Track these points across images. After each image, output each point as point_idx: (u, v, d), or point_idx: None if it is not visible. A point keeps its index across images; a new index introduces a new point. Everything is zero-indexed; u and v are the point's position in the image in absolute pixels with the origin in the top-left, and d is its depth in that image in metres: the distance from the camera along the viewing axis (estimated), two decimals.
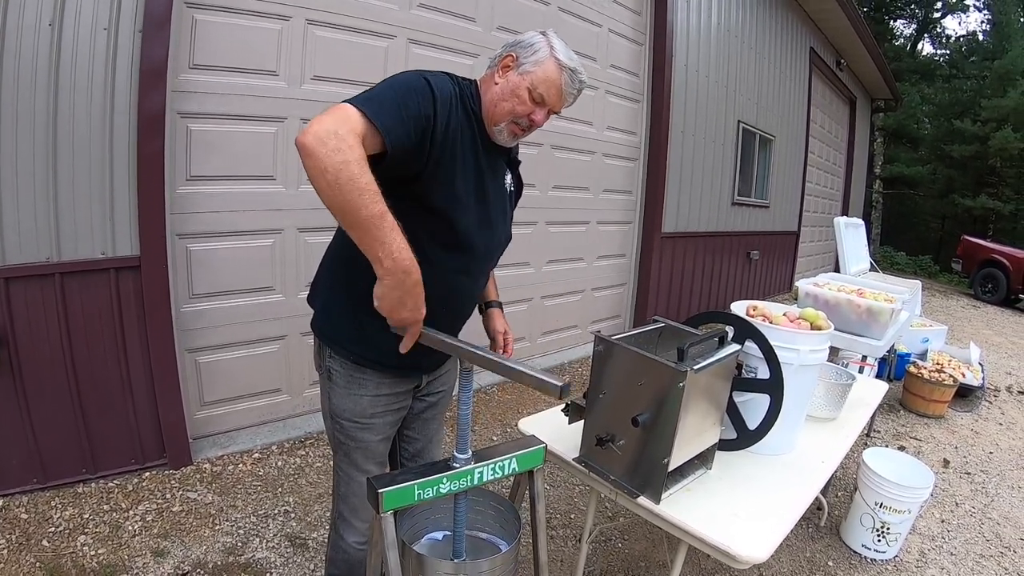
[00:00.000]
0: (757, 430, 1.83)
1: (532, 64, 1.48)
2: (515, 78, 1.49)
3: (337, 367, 1.62)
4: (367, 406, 1.62)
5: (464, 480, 1.26)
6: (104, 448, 2.85)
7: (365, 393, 1.61)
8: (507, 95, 1.49)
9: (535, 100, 1.49)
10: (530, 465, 1.37)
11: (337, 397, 1.63)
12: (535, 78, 1.47)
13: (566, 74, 1.48)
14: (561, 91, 1.49)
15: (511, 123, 1.51)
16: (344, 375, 1.61)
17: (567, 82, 1.49)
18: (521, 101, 1.48)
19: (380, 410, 1.64)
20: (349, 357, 1.59)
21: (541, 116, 1.52)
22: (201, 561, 2.43)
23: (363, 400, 1.61)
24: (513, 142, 1.59)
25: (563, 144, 4.89)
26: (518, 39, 1.54)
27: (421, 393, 1.77)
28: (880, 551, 2.87)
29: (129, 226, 2.74)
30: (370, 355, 1.58)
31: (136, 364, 2.86)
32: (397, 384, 1.64)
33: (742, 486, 1.76)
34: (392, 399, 1.65)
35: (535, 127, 1.55)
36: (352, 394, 1.61)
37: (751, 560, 1.43)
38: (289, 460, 3.20)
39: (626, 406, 1.58)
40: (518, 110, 1.49)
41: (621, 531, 2.91)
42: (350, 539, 1.74)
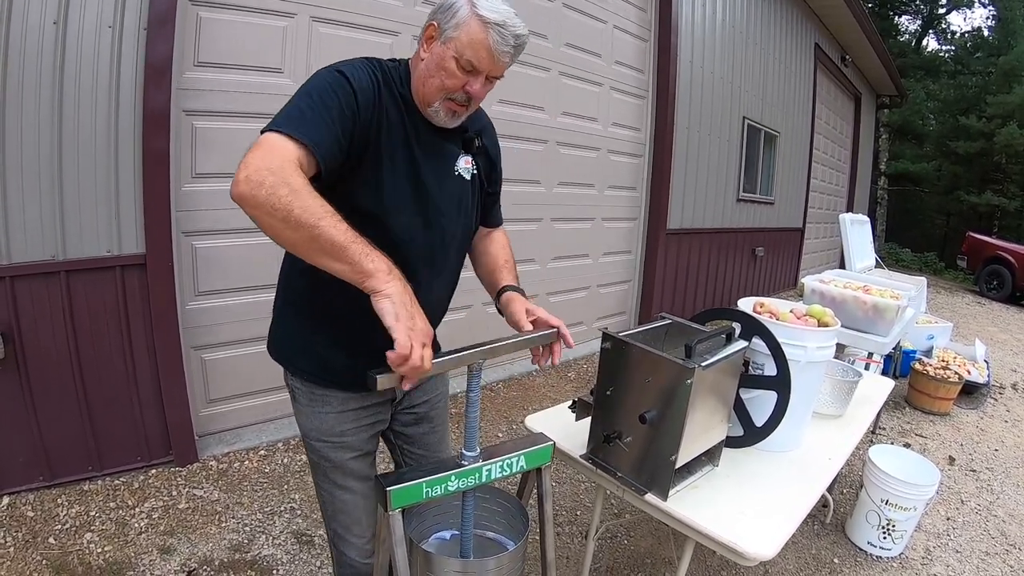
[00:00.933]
0: (764, 427, 1.83)
1: (453, 29, 1.30)
2: (439, 49, 1.33)
3: (298, 385, 1.53)
4: (333, 423, 1.51)
5: (472, 478, 1.26)
6: (110, 446, 2.86)
7: (330, 410, 1.51)
8: (434, 70, 1.33)
9: (465, 69, 1.32)
10: (538, 463, 1.37)
11: (302, 416, 1.55)
12: (459, 44, 1.29)
13: (493, 31, 1.28)
14: (492, 52, 1.30)
15: (445, 100, 1.35)
16: (306, 393, 1.52)
17: (496, 40, 1.29)
18: (450, 74, 1.32)
19: (349, 426, 1.53)
20: (305, 377, 1.51)
21: (478, 86, 1.34)
22: (207, 558, 2.43)
23: (328, 418, 1.51)
24: (455, 121, 1.42)
25: (568, 140, 4.89)
26: (439, 3, 1.35)
27: (402, 407, 1.65)
28: (886, 548, 2.87)
29: (135, 224, 2.74)
30: (326, 374, 1.49)
31: (142, 362, 2.87)
32: (366, 398, 1.52)
33: (749, 483, 1.76)
34: (362, 413, 1.54)
35: (476, 100, 1.39)
36: (316, 412, 1.52)
37: (758, 558, 1.43)
38: (295, 457, 3.21)
39: (633, 403, 1.58)
40: (448, 84, 1.33)
41: (627, 528, 2.91)
42: (352, 554, 1.65)
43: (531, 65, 4.41)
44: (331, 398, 1.50)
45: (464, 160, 1.50)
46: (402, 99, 1.38)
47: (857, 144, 12.96)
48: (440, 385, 1.75)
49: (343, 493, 1.59)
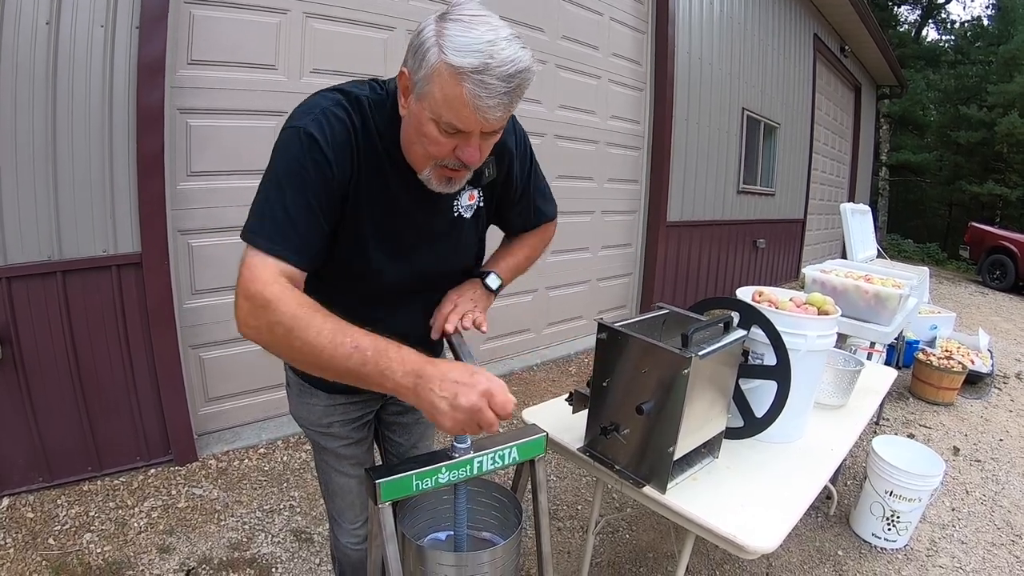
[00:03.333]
0: (764, 418, 1.80)
1: (425, 82, 1.03)
2: (415, 107, 1.07)
3: (292, 376, 1.55)
4: (320, 415, 1.52)
5: (464, 470, 1.23)
6: (109, 446, 2.85)
7: (317, 403, 1.51)
8: (414, 135, 1.12)
9: (448, 132, 1.06)
10: (531, 454, 1.34)
11: (293, 405, 1.58)
12: (434, 103, 1.03)
13: (469, 83, 0.98)
14: (474, 108, 1.00)
15: (436, 168, 1.14)
16: (296, 383, 1.54)
17: (476, 94, 0.98)
18: (432, 140, 1.08)
19: (337, 418, 1.53)
20: (299, 374, 1.51)
21: (472, 150, 1.09)
22: (207, 557, 2.42)
23: (316, 409, 1.52)
24: (453, 187, 1.21)
25: (566, 134, 4.86)
26: (412, 38, 1.07)
27: (391, 400, 1.63)
28: (890, 540, 2.85)
29: (130, 223, 2.73)
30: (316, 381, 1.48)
31: (140, 361, 2.86)
32: (354, 394, 1.50)
33: (750, 475, 1.74)
34: (350, 408, 1.53)
35: (474, 163, 1.13)
36: (305, 403, 1.53)
37: (759, 551, 1.41)
38: (295, 455, 3.19)
39: (630, 394, 1.56)
40: (433, 152, 1.10)
41: (628, 522, 2.89)
42: (343, 540, 1.68)
43: None
44: (318, 393, 1.51)
45: (468, 195, 1.33)
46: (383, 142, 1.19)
47: (858, 135, 12.92)
48: None
49: (338, 476, 1.61)
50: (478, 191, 1.36)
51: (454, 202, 1.32)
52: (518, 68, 0.99)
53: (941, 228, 21.99)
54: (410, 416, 1.70)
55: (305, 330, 1.00)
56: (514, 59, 0.99)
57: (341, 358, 0.99)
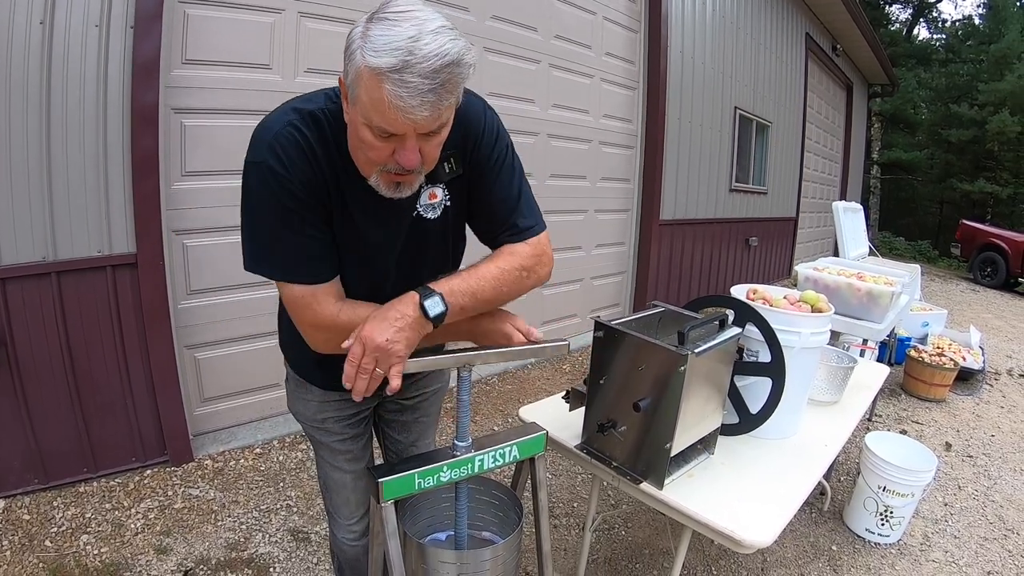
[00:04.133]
0: (759, 414, 1.82)
1: (354, 86, 1.01)
2: (352, 113, 1.06)
3: (289, 371, 1.58)
4: (315, 410, 1.54)
5: (465, 468, 1.25)
6: (105, 447, 2.85)
7: (312, 398, 1.54)
8: (355, 141, 1.10)
9: (382, 136, 1.03)
10: (531, 452, 1.36)
11: (289, 398, 1.61)
12: (363, 107, 1.00)
13: (388, 83, 0.94)
14: (397, 109, 0.96)
15: (381, 173, 1.11)
16: (293, 379, 1.57)
17: (396, 94, 0.94)
18: (369, 145, 1.05)
19: (332, 414, 1.55)
20: (296, 370, 1.56)
21: (409, 152, 1.04)
22: (204, 557, 2.42)
23: (311, 404, 1.54)
24: (403, 192, 1.15)
25: (559, 133, 4.88)
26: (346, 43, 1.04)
27: (389, 398, 1.64)
28: (884, 535, 2.87)
29: (125, 224, 2.73)
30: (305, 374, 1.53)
31: (135, 362, 2.85)
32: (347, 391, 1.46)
33: (745, 471, 1.76)
34: (344, 404, 1.54)
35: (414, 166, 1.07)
36: (301, 398, 1.56)
37: (755, 545, 1.43)
38: (291, 455, 3.20)
39: (627, 391, 1.57)
40: (373, 157, 1.07)
41: (624, 519, 2.91)
42: (340, 535, 1.69)
43: (521, 58, 4.39)
44: (313, 389, 1.53)
45: (428, 195, 1.26)
46: (339, 149, 1.16)
47: (849, 133, 12.97)
48: (436, 381, 1.74)
49: (333, 471, 1.62)
50: (441, 188, 1.28)
51: (415, 202, 1.27)
52: (444, 62, 0.95)
53: (932, 226, 22.11)
54: (409, 414, 1.71)
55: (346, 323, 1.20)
56: (439, 52, 0.94)
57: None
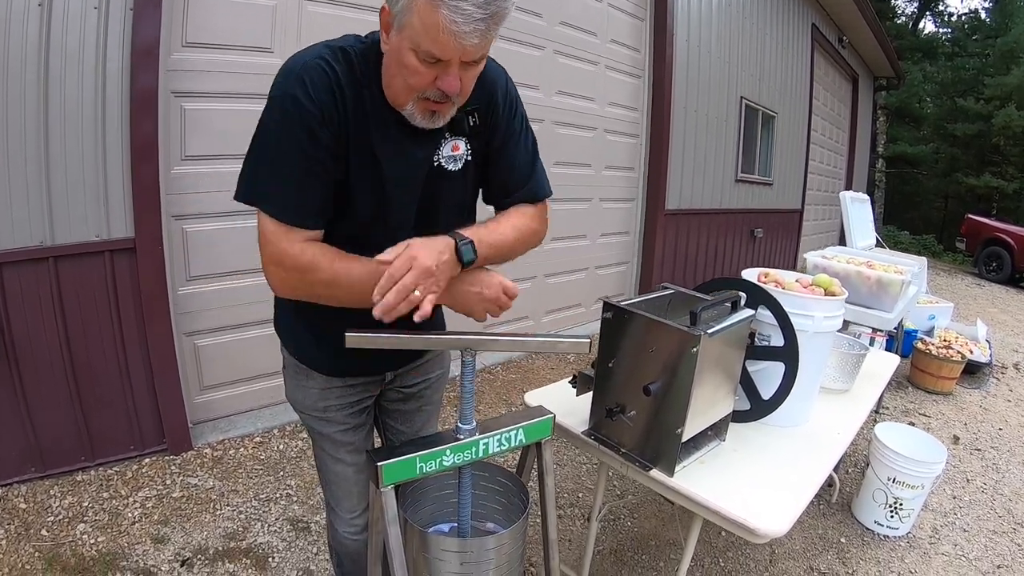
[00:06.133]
0: (772, 400, 1.77)
1: (404, 13, 1.03)
2: (396, 40, 1.08)
3: (287, 357, 1.51)
4: (316, 399, 1.48)
5: (468, 452, 1.20)
6: (103, 435, 2.81)
7: (313, 385, 1.47)
8: (395, 67, 1.11)
9: (428, 62, 1.06)
10: (538, 436, 1.31)
11: (289, 387, 1.54)
12: (413, 33, 1.03)
13: (445, 9, 0.98)
14: (452, 34, 1.00)
15: (419, 101, 1.13)
16: (293, 365, 1.50)
17: (452, 19, 0.98)
18: (412, 71, 1.08)
19: (334, 403, 1.48)
20: (295, 355, 1.48)
21: (452, 79, 1.08)
22: (202, 547, 2.38)
23: (311, 392, 1.48)
24: (437, 121, 1.18)
25: (564, 120, 4.82)
26: None
27: (391, 386, 1.59)
28: (893, 527, 2.83)
29: (123, 208, 2.68)
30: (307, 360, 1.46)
31: (133, 348, 2.81)
32: (351, 379, 1.48)
33: (757, 458, 1.70)
34: (347, 392, 1.49)
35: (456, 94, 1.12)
36: (301, 385, 1.49)
37: (769, 534, 1.38)
38: (291, 443, 3.15)
39: (637, 375, 1.52)
40: (414, 83, 1.09)
41: (630, 509, 2.86)
42: (341, 529, 1.62)
43: (525, 43, 4.34)
44: (314, 375, 1.47)
45: (451, 146, 1.27)
46: (368, 89, 1.17)
47: (855, 126, 12.88)
48: (438, 367, 1.69)
49: (334, 464, 1.56)
50: (464, 142, 1.29)
51: (436, 152, 1.27)
52: None
53: (937, 220, 22.02)
54: (412, 403, 1.66)
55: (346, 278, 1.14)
56: None
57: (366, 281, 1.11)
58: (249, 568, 2.31)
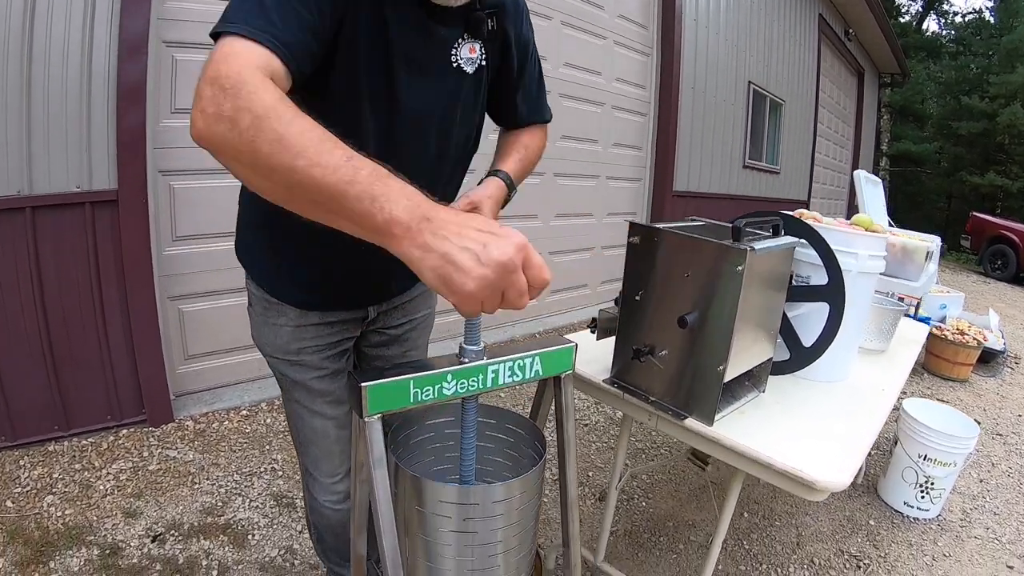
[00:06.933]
0: (815, 346, 1.57)
1: None
2: None
3: (254, 290, 1.31)
4: (288, 339, 1.28)
5: (474, 380, 0.99)
6: (78, 404, 2.63)
7: (285, 323, 1.28)
8: None
9: None
10: (557, 369, 1.10)
11: (256, 327, 1.33)
12: None
13: None
14: None
15: None
16: (260, 300, 1.29)
17: None
18: None
19: (308, 344, 1.29)
20: (264, 286, 1.28)
21: None
22: (176, 522, 2.19)
23: (283, 332, 1.28)
24: None
25: (570, 93, 4.65)
26: None
27: (375, 327, 1.41)
28: (923, 509, 2.66)
29: (107, 159, 2.53)
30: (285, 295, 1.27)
31: (113, 311, 2.63)
32: (329, 314, 1.29)
33: (800, 412, 1.50)
34: (323, 330, 1.30)
35: None
36: (270, 323, 1.29)
37: (830, 486, 1.17)
38: (279, 417, 2.96)
39: (669, 307, 1.31)
40: None
41: (644, 489, 2.68)
42: (321, 498, 1.43)
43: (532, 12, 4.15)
44: (288, 310, 1.28)
45: (468, 48, 1.14)
46: None
47: (860, 121, 12.77)
48: (424, 307, 1.51)
49: (311, 417, 1.36)
50: (479, 46, 1.16)
51: (452, 50, 1.12)
52: None
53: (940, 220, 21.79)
54: (396, 347, 1.47)
55: (284, 123, 0.72)
56: None
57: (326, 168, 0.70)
58: (226, 545, 2.11)
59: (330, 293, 1.28)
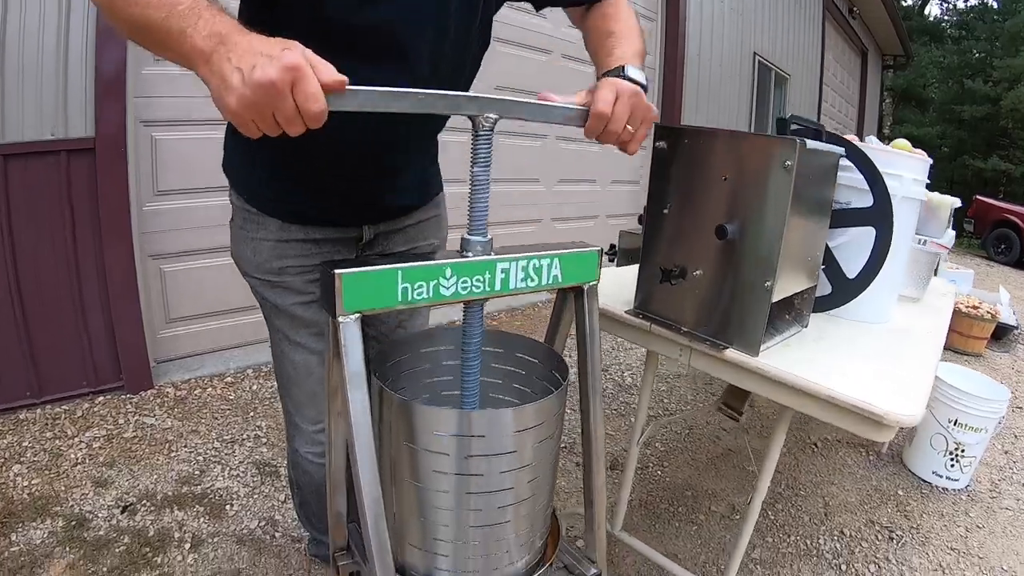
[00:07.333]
0: (859, 278, 1.39)
1: None
2: None
3: (235, 200, 1.18)
4: (268, 255, 1.15)
5: (479, 279, 0.80)
6: (51, 370, 2.46)
7: (267, 236, 1.14)
8: None
9: None
10: (580, 277, 0.91)
11: (235, 242, 1.19)
12: None
13: None
14: None
15: None
16: (241, 211, 1.16)
17: None
18: None
19: (291, 263, 1.15)
20: (243, 195, 1.16)
21: None
22: (149, 492, 2.01)
23: (264, 246, 1.14)
24: None
25: (573, 54, 4.46)
26: None
27: (372, 250, 1.26)
28: (953, 479, 2.51)
29: (84, 105, 2.38)
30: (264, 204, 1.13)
31: (89, 269, 2.47)
32: (315, 230, 1.15)
33: (846, 350, 1.31)
34: (308, 248, 1.16)
35: None
36: (251, 237, 1.15)
37: (901, 420, 0.99)
38: (266, 384, 2.78)
39: (703, 219, 1.13)
40: None
41: (659, 458, 2.52)
42: (303, 449, 1.30)
43: None
44: (269, 222, 1.14)
45: None
46: None
47: (864, 102, 12.64)
48: (433, 234, 1.32)
49: (293, 351, 1.20)
50: None
51: None
52: None
53: None
54: None
55: None
56: None
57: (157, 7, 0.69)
58: (201, 516, 1.94)
59: (311, 204, 1.11)
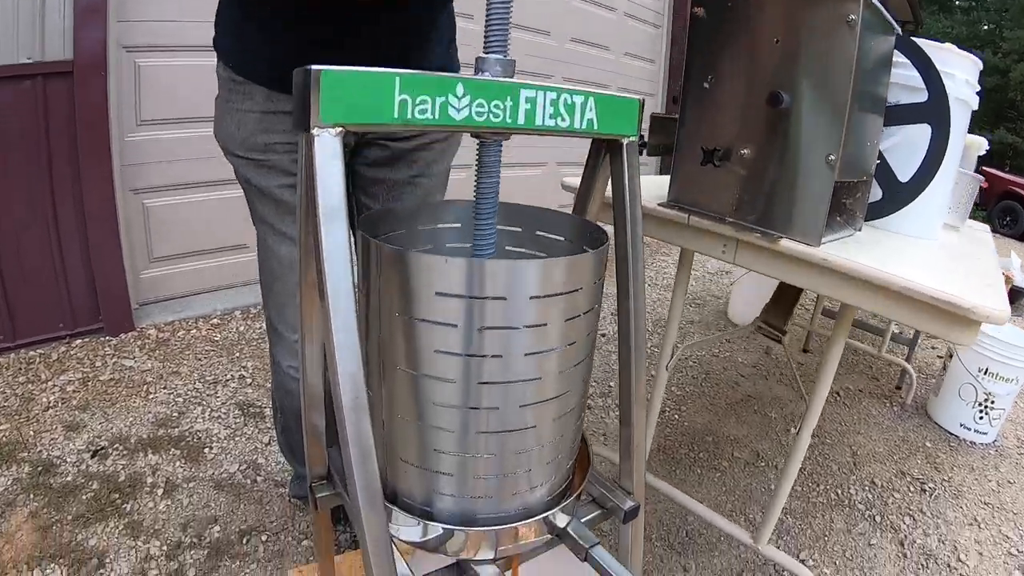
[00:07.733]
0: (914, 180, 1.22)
1: None
2: None
3: (221, 72, 1.07)
4: (253, 128, 1.04)
5: (498, 104, 0.61)
6: (26, 311, 2.30)
7: (251, 108, 1.03)
8: None
9: None
10: (618, 128, 0.73)
11: (219, 116, 1.08)
12: None
13: None
14: None
15: None
16: (226, 82, 1.06)
17: None
18: None
19: (278, 139, 1.04)
20: (229, 64, 1.05)
21: None
22: (122, 435, 1.87)
23: (248, 119, 1.03)
24: None
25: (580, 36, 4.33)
26: None
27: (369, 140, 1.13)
28: (981, 432, 2.41)
29: (62, 27, 2.20)
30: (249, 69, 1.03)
31: (65, 204, 2.30)
32: None
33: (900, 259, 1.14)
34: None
35: None
36: (234, 109, 1.04)
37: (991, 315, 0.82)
38: (254, 325, 2.63)
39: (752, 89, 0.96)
40: None
41: (676, 402, 2.41)
42: (285, 363, 1.20)
43: None
44: (255, 91, 1.03)
45: None
46: None
47: None
48: None
49: (277, 243, 1.08)
50: None
51: None
52: None
53: None
54: (402, 169, 1.13)
55: None
56: None
57: None
58: (177, 460, 1.80)
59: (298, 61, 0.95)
